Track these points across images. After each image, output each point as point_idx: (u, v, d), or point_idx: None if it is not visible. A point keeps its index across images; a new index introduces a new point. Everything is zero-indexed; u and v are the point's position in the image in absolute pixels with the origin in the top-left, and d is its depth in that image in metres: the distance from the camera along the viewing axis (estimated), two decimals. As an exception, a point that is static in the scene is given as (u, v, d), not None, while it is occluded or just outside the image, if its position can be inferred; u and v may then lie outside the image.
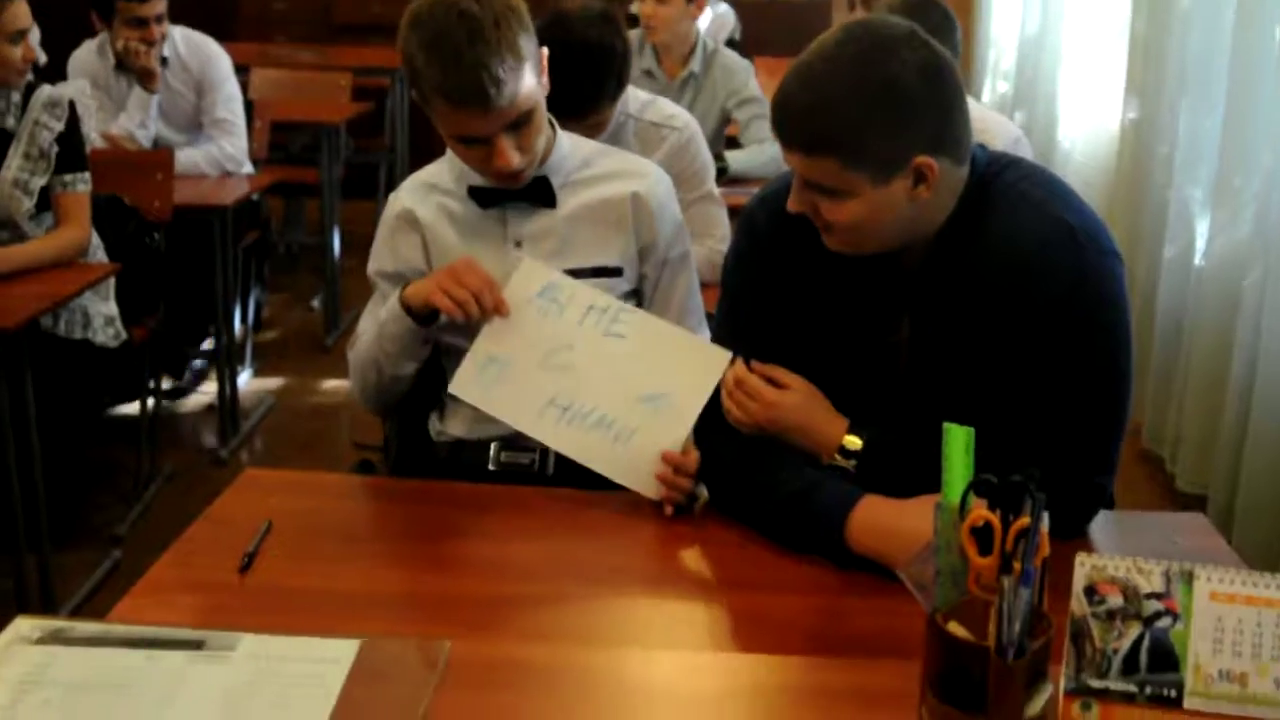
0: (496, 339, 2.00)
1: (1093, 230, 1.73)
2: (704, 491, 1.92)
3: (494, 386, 2.00)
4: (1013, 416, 1.72)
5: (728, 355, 1.89)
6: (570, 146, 2.20)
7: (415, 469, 2.22)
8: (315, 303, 5.84)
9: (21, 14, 3.29)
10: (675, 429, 1.91)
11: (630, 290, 2.19)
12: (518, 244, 2.14)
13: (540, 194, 2.13)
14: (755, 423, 1.83)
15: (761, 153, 4.30)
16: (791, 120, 1.68)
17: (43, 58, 3.41)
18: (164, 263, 3.94)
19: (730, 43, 6.26)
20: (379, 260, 2.21)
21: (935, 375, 1.79)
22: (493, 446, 2.16)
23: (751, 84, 4.52)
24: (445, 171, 2.20)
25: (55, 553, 3.31)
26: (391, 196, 2.24)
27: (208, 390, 4.72)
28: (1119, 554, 1.26)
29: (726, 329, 1.96)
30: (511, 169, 2.01)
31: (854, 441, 1.79)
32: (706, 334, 2.21)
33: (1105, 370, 1.74)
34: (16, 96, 3.36)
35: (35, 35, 3.35)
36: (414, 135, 6.88)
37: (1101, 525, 1.84)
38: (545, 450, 2.13)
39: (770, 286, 1.89)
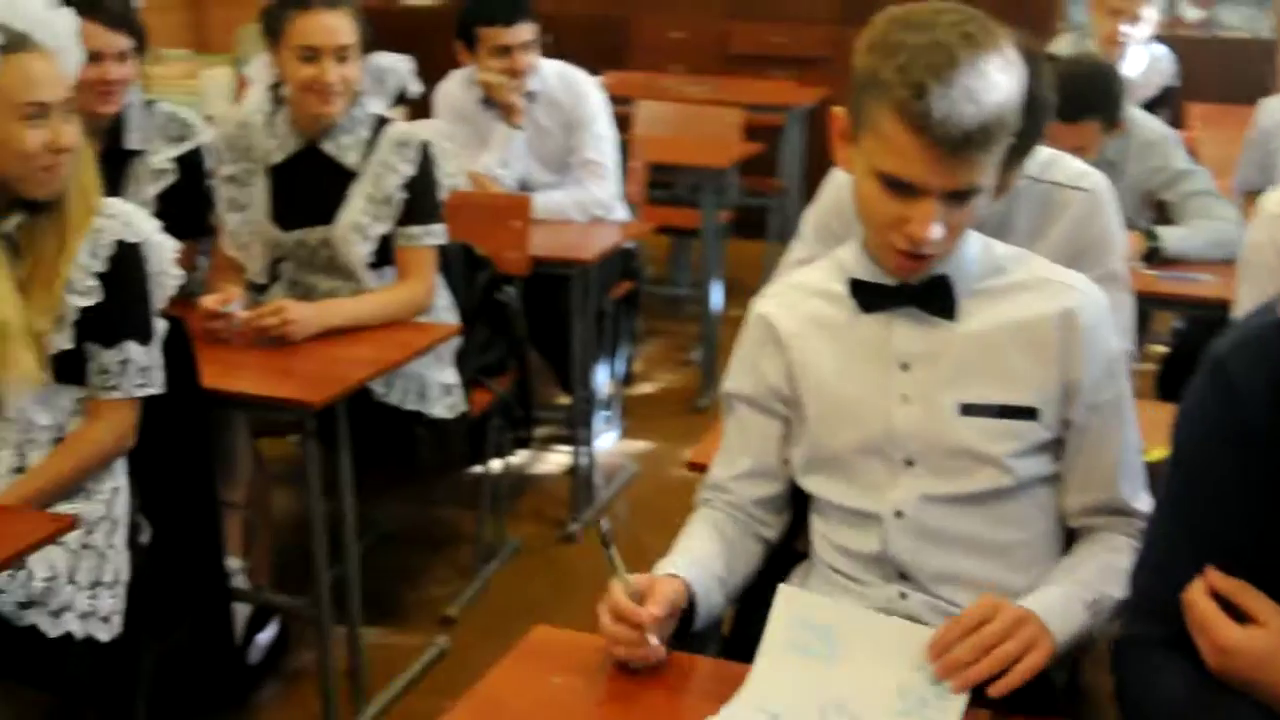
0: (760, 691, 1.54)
1: None
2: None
3: None
4: None
5: None
6: (981, 246, 1.76)
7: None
8: (693, 355, 5.42)
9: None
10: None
11: (1050, 440, 1.69)
12: (904, 366, 1.73)
13: (937, 299, 1.70)
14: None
15: (1204, 230, 3.41)
16: None
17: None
18: (518, 321, 3.56)
19: (1166, 92, 5.15)
20: (736, 379, 1.90)
21: None
22: None
23: (1177, 156, 3.61)
24: (823, 271, 1.83)
25: (382, 629, 3.15)
26: (754, 302, 1.89)
27: (565, 450, 4.36)
28: None
29: (1176, 516, 1.44)
30: (926, 242, 1.60)
31: None
32: (1147, 502, 1.69)
33: None
34: (364, 132, 3.05)
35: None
36: (808, 179, 6.39)
37: None
38: None
39: (1253, 466, 1.35)
